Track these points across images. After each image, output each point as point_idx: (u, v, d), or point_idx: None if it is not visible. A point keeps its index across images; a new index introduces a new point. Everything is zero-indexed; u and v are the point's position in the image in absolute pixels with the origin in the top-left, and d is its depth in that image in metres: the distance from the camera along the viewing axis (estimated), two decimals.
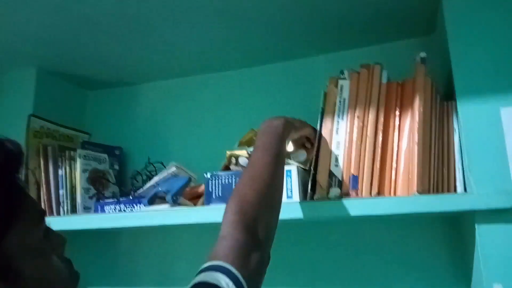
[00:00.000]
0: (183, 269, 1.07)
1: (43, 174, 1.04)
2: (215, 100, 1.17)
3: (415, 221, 0.92)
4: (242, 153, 0.94)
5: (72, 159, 1.05)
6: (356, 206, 0.73)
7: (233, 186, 0.86)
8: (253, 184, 0.61)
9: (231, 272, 0.50)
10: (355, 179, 0.76)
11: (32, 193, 1.04)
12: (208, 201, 0.87)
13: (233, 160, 0.96)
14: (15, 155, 0.43)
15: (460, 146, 0.76)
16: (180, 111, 1.20)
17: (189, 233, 1.09)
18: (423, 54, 0.78)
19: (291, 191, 0.80)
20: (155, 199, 0.95)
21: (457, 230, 0.89)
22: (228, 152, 0.96)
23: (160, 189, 0.96)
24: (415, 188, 0.72)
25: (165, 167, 1.04)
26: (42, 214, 0.46)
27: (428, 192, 0.73)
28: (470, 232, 0.75)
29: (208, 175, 0.88)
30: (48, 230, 0.47)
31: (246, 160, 0.94)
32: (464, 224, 0.82)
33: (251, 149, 0.89)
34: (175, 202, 0.91)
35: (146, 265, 1.11)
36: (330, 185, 0.78)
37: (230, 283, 0.48)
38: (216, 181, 0.88)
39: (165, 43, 1.02)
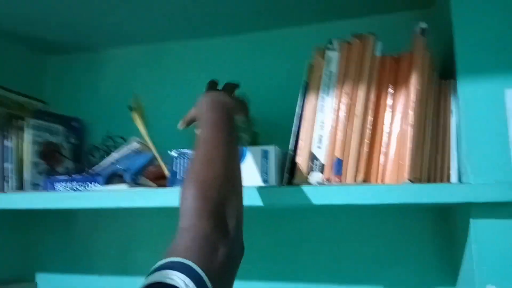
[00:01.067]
0: (142, 257, 0.97)
1: None
2: (185, 70, 1.05)
3: (402, 211, 0.85)
4: None
5: (21, 129, 0.93)
6: (339, 194, 0.64)
7: None
8: (211, 165, 0.53)
9: (192, 270, 0.41)
10: (339, 163, 0.67)
11: None
12: (172, 182, 0.77)
13: None
14: None
15: (457, 131, 0.68)
16: (146, 81, 1.08)
17: (150, 217, 0.99)
18: (423, 25, 0.69)
19: (267, 174, 0.71)
20: (112, 177, 0.84)
21: (447, 222, 0.82)
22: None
23: (118, 166, 0.85)
24: (406, 175, 0.64)
25: (126, 142, 0.93)
26: None
27: (420, 181, 0.65)
28: (463, 227, 0.67)
29: (175, 153, 0.78)
30: None
31: None
32: (456, 217, 0.75)
33: None
34: (135, 182, 0.80)
35: (102, 250, 1.01)
36: (310, 169, 0.69)
37: (191, 284, 0.40)
38: (183, 160, 0.78)
39: (133, 4, 0.90)
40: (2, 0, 0.88)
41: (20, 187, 0.90)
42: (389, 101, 0.69)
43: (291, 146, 0.70)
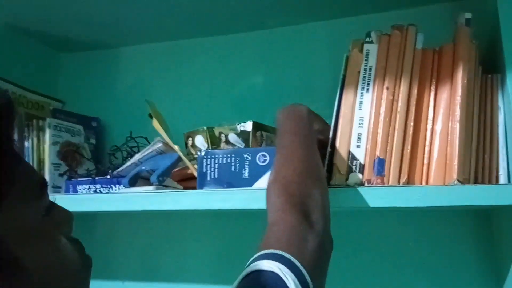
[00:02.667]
0: (169, 262, 0.93)
1: None
2: (208, 67, 1.02)
3: (442, 213, 0.81)
4: (232, 129, 0.81)
5: (41, 130, 0.90)
6: (382, 196, 0.60)
7: (232, 167, 0.73)
8: (290, 164, 0.54)
9: (284, 257, 0.42)
10: (381, 163, 0.64)
11: None
12: (201, 184, 0.73)
13: (223, 137, 0.83)
14: (4, 107, 0.31)
15: (505, 128, 0.64)
16: (167, 79, 1.05)
17: (177, 220, 0.95)
18: (468, 15, 0.65)
19: None
20: (137, 179, 0.81)
21: (490, 225, 0.78)
22: (217, 129, 0.83)
23: (143, 168, 0.82)
24: (454, 176, 0.60)
25: (149, 142, 0.89)
26: (43, 184, 0.35)
27: (468, 182, 0.61)
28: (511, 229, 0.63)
29: (202, 153, 0.75)
30: (51, 205, 0.36)
31: (237, 138, 0.81)
32: (502, 220, 0.70)
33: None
34: (161, 184, 0.77)
35: (125, 255, 0.98)
36: (350, 170, 0.65)
37: (286, 269, 0.40)
38: (212, 160, 0.74)
39: (149, 1, 0.86)
40: None
41: None
42: (431, 96, 0.65)
43: (328, 145, 0.67)
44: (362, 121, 0.66)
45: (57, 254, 0.35)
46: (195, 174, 0.78)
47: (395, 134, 0.64)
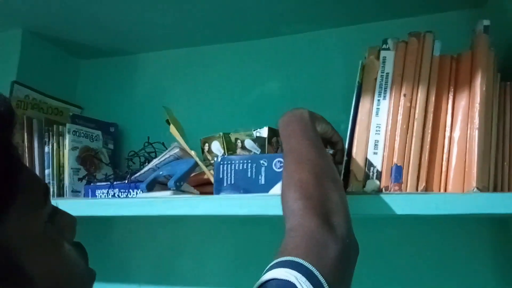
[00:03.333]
0: (185, 267, 0.94)
1: (26, 150, 0.91)
2: (224, 73, 1.03)
3: (458, 221, 0.80)
4: (248, 135, 0.81)
5: (61, 135, 0.92)
6: (400, 203, 0.60)
7: (249, 173, 0.73)
8: (303, 166, 0.52)
9: (303, 266, 0.40)
10: (398, 170, 0.63)
11: None
12: (218, 190, 0.74)
13: (239, 143, 0.84)
14: (5, 114, 0.31)
15: None
16: (184, 85, 1.06)
17: (193, 225, 0.96)
18: (486, 22, 0.64)
19: None
20: (154, 184, 0.82)
21: (507, 233, 0.77)
22: (233, 135, 0.83)
23: (160, 173, 0.83)
24: (473, 183, 0.59)
25: (166, 148, 0.91)
26: (46, 191, 0.35)
27: (488, 189, 0.61)
28: None
29: (219, 159, 0.75)
30: (54, 211, 0.36)
31: (253, 144, 0.82)
32: None
33: None
34: (178, 189, 0.78)
35: (142, 259, 0.99)
36: (367, 177, 0.65)
37: (303, 278, 0.39)
38: (228, 166, 0.75)
39: (170, 7, 0.88)
40: (39, 3, 0.88)
41: (60, 193, 0.89)
42: (449, 103, 0.65)
43: (345, 152, 0.67)
44: (379, 128, 0.66)
45: (61, 261, 0.34)
46: (212, 179, 0.79)
47: (412, 141, 0.63)
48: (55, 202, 0.37)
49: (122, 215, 0.76)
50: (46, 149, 0.91)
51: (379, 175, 0.64)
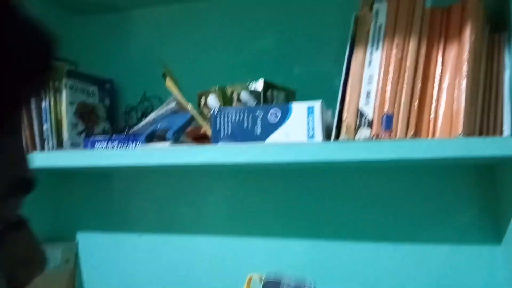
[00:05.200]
0: (185, 216, 0.98)
1: None
2: (220, 28, 1.03)
3: (447, 169, 0.84)
4: (244, 87, 0.83)
5: (57, 90, 0.92)
6: (390, 149, 0.63)
7: (245, 124, 0.76)
8: None
9: None
10: (389, 118, 0.66)
11: None
12: (215, 140, 0.76)
13: (235, 96, 0.86)
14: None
15: (511, 85, 0.66)
16: (179, 40, 1.06)
17: (192, 176, 0.99)
18: None
19: (313, 130, 0.70)
20: (153, 137, 0.85)
21: (493, 180, 0.81)
22: (229, 89, 0.85)
23: (158, 126, 0.85)
24: (459, 129, 0.63)
25: (162, 102, 0.92)
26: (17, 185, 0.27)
27: (473, 135, 0.64)
28: None
29: (216, 110, 0.77)
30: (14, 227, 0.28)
31: (249, 96, 0.84)
32: (505, 173, 0.74)
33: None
34: (177, 140, 0.80)
35: (143, 210, 1.02)
36: (358, 125, 0.68)
37: None
38: (225, 117, 0.77)
39: None
40: None
41: (60, 147, 0.90)
42: (439, 54, 0.67)
43: (338, 102, 0.69)
44: (371, 79, 0.68)
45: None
46: (208, 132, 0.82)
47: (403, 91, 0.66)
48: (56, 153, 0.29)
49: (123, 166, 0.79)
50: (43, 104, 0.92)
51: (370, 124, 0.67)
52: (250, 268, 0.88)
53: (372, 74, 0.68)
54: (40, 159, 0.84)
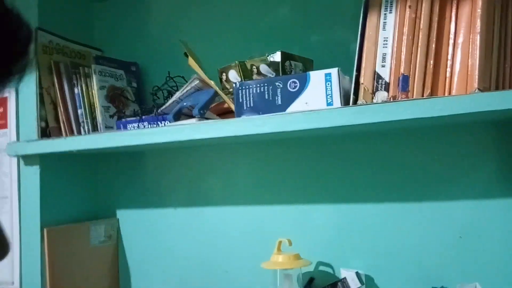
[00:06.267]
0: (214, 188, 1.03)
1: (58, 93, 0.98)
2: (235, 2, 1.04)
3: (465, 127, 0.84)
4: (263, 60, 0.86)
5: (88, 76, 0.98)
6: (408, 109, 0.65)
7: (266, 95, 0.79)
8: None
9: None
10: (405, 79, 0.68)
11: (50, 113, 0.98)
12: (239, 114, 0.80)
13: (254, 69, 0.88)
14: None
15: None
16: (197, 18, 1.09)
17: (218, 150, 1.03)
18: None
19: (331, 97, 0.73)
20: (180, 115, 0.89)
21: (510, 135, 0.82)
22: (248, 62, 0.88)
23: (184, 104, 0.89)
24: (475, 85, 0.64)
25: (186, 81, 0.96)
26: None
27: (489, 89, 0.65)
28: None
29: (237, 85, 0.81)
30: None
31: (268, 68, 0.86)
32: None
33: None
34: (202, 116, 0.84)
35: (175, 185, 1.08)
36: (375, 89, 0.70)
37: None
38: (247, 90, 0.80)
39: None
40: None
41: (95, 130, 0.96)
42: (453, 11, 0.67)
43: (354, 67, 0.71)
44: (386, 41, 0.70)
45: None
46: (232, 107, 0.85)
47: (418, 51, 0.67)
48: (92, 136, 0.34)
49: (155, 143, 0.84)
50: (75, 90, 0.98)
51: (387, 86, 0.69)
52: (279, 233, 0.92)
53: (387, 37, 0.70)
54: (77, 143, 0.90)
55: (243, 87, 0.80)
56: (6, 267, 1.00)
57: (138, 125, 0.92)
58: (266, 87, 0.79)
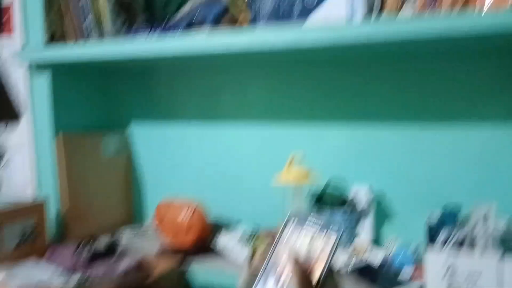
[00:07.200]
0: (227, 102, 1.02)
1: (62, 2, 0.93)
2: None
3: (486, 52, 0.80)
4: None
5: None
6: (435, 22, 0.61)
7: (281, 8, 0.74)
8: None
9: None
10: None
11: (55, 21, 0.94)
12: (255, 21, 0.76)
13: None
14: None
15: None
16: None
17: (231, 66, 1.00)
18: None
19: (354, 10, 0.69)
20: (191, 26, 0.85)
21: None
22: None
23: (196, 16, 0.85)
24: (507, 2, 0.59)
25: None
26: None
27: None
28: None
29: None
30: None
31: None
32: None
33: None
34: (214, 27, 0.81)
35: (188, 100, 1.06)
36: (402, 3, 0.66)
37: None
38: (261, 2, 0.76)
39: None
40: None
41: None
42: None
43: None
44: None
45: None
46: (244, 22, 0.81)
47: None
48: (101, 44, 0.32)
49: (165, 54, 0.81)
50: (80, 3, 0.92)
51: (414, 0, 0.65)
52: (292, 149, 0.92)
53: None
54: (85, 52, 0.87)
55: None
56: (23, 171, 1.02)
57: (148, 35, 0.88)
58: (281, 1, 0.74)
